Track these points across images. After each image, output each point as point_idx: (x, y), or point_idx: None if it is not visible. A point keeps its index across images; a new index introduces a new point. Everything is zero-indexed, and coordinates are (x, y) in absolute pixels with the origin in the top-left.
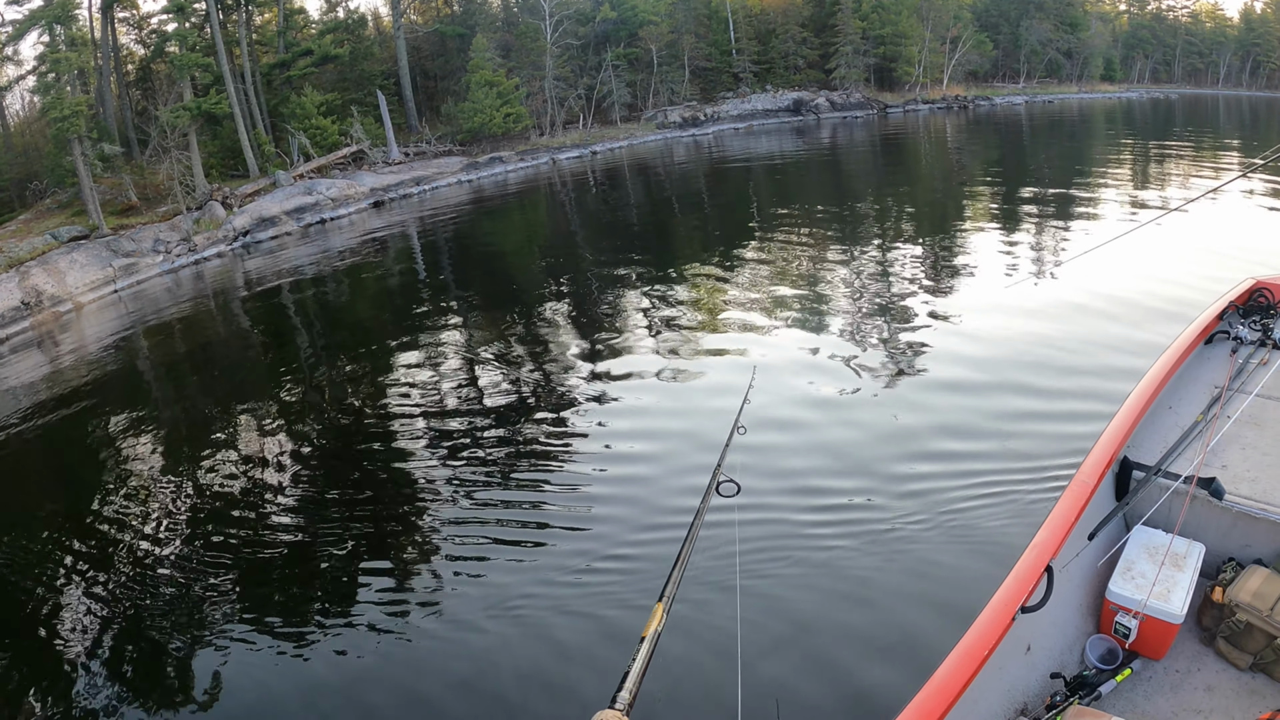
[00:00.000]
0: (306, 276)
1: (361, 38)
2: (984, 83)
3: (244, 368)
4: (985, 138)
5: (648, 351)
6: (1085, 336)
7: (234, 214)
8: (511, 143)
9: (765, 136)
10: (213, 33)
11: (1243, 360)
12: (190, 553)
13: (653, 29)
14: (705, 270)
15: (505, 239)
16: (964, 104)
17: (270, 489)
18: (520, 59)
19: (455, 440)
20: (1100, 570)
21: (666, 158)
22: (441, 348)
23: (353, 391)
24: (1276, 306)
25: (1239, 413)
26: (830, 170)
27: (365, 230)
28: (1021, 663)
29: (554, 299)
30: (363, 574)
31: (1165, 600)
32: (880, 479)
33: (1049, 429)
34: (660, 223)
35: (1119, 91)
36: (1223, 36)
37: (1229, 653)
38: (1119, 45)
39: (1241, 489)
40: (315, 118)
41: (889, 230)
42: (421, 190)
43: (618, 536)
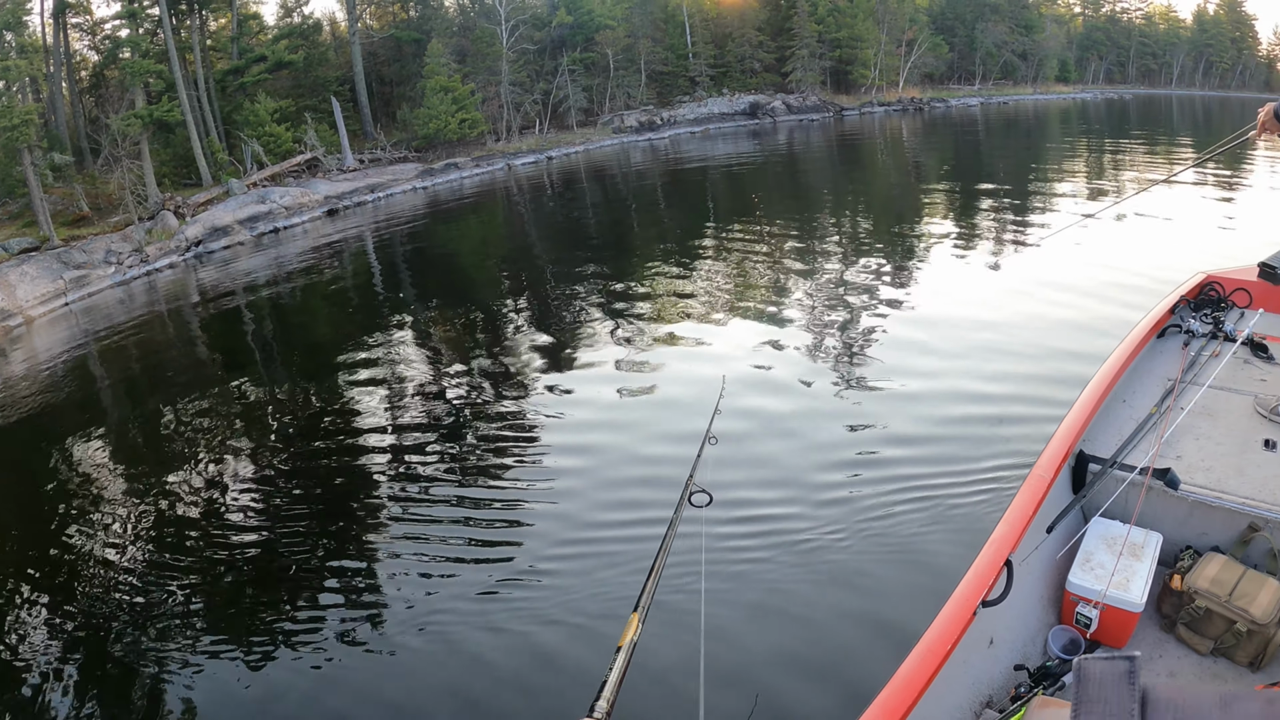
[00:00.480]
0: (261, 286)
1: (316, 43)
2: (940, 85)
3: (199, 380)
4: (941, 139)
5: (610, 358)
6: (1042, 334)
7: (186, 224)
8: (467, 149)
9: (722, 140)
10: (165, 39)
11: (1195, 353)
12: (146, 567)
13: (609, 33)
14: (665, 277)
15: (462, 246)
16: (919, 106)
17: (227, 501)
18: (476, 64)
19: (418, 452)
20: (1059, 562)
21: (623, 162)
22: (399, 358)
23: (310, 402)
24: (1227, 300)
25: (1192, 404)
26: (788, 173)
27: (319, 239)
28: (985, 656)
29: (513, 307)
30: (328, 584)
31: (1125, 589)
32: (845, 485)
33: (1011, 429)
34: (619, 228)
35: (1074, 92)
36: (1176, 38)
37: (1190, 638)
38: (1074, 47)
39: (1196, 478)
40: (269, 125)
41: (847, 232)
42: (376, 198)
43: (593, 547)
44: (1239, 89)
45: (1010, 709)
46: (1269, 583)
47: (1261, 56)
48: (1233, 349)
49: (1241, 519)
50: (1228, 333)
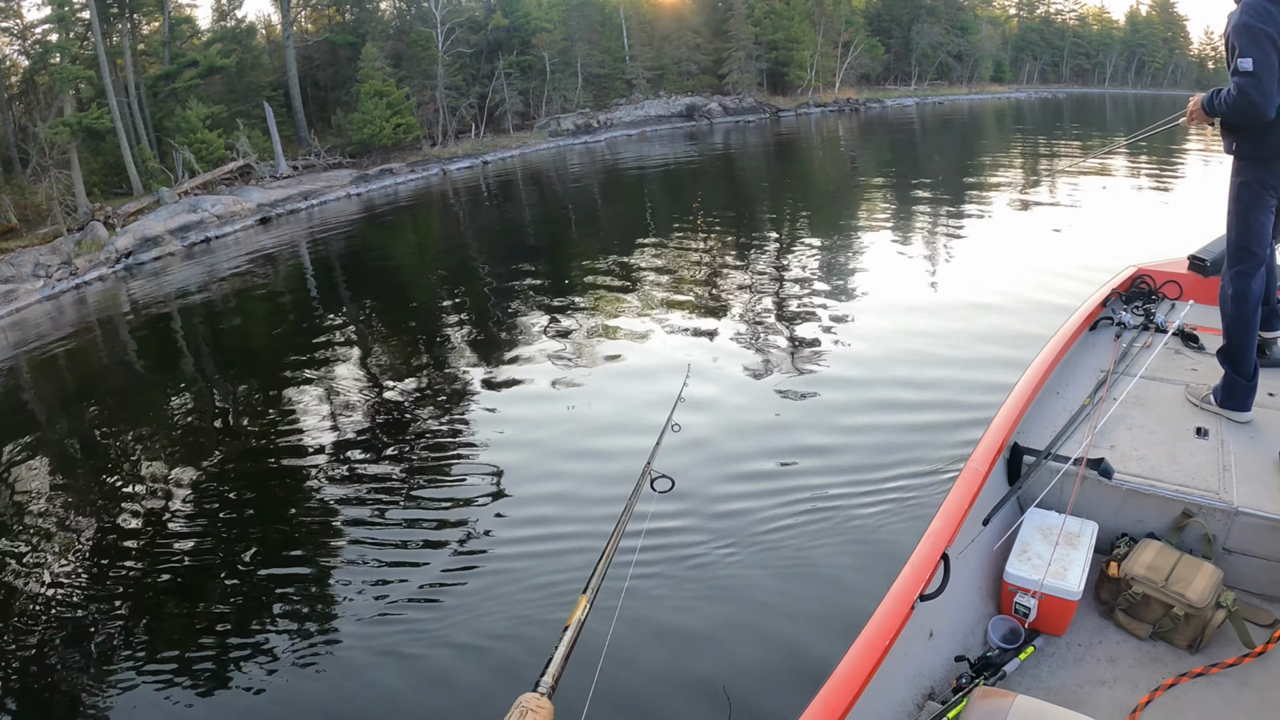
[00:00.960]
0: (194, 298)
1: (250, 48)
2: (876, 85)
3: (133, 394)
4: (877, 139)
5: (547, 362)
6: (976, 329)
7: (116, 234)
8: (403, 154)
9: (659, 142)
10: (95, 44)
11: (1126, 344)
12: (82, 586)
13: (546, 36)
14: (603, 281)
15: (399, 253)
16: (855, 106)
17: (164, 516)
18: (411, 68)
19: (363, 456)
20: (997, 554)
21: (560, 166)
22: (338, 367)
23: (248, 413)
24: (1158, 292)
25: (1125, 394)
26: (725, 174)
27: (252, 248)
28: (925, 648)
29: (453, 313)
30: (274, 593)
31: (1062, 578)
32: (783, 474)
33: (948, 419)
34: (557, 232)
35: (1008, 92)
36: (1109, 38)
37: (1128, 624)
38: (1009, 48)
39: (1130, 467)
40: (201, 131)
41: (785, 231)
42: (310, 205)
43: (547, 534)
44: (1171, 88)
45: (952, 700)
46: (1204, 567)
47: (1193, 56)
48: (1164, 340)
49: (1175, 505)
50: (1159, 324)
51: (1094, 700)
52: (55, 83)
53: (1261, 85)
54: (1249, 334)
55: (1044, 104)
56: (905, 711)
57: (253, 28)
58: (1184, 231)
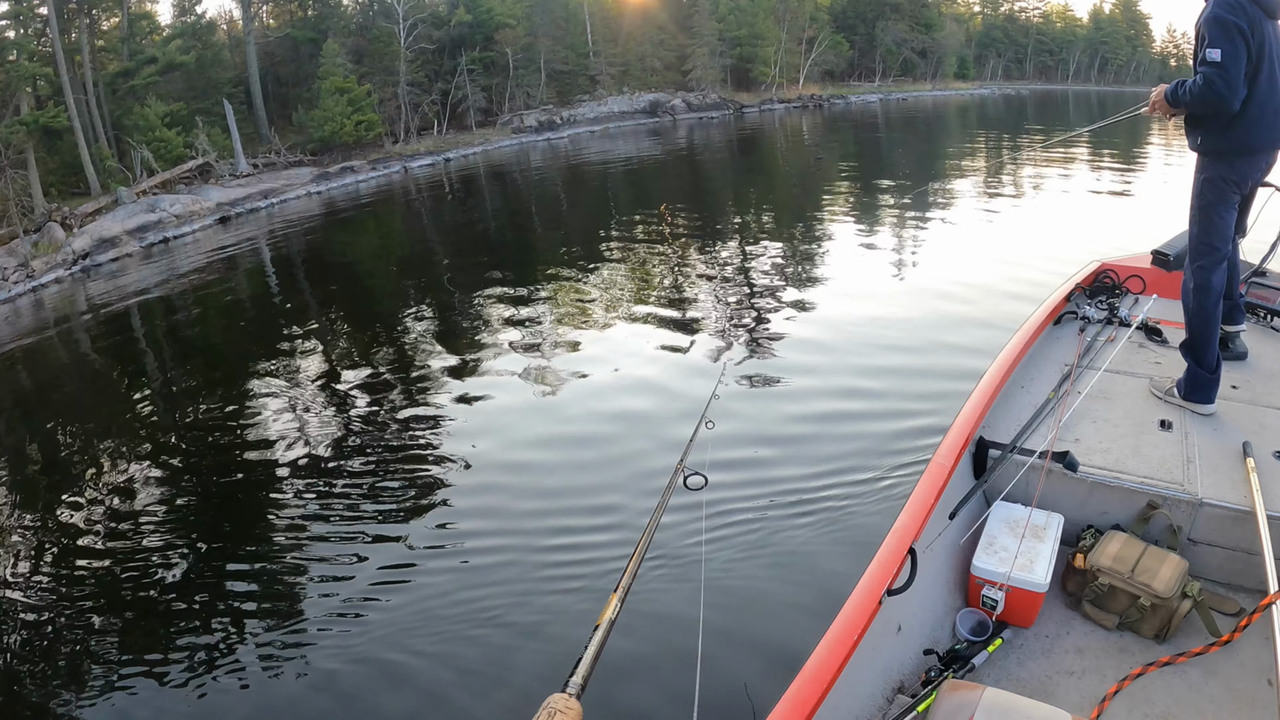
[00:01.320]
0: (154, 300)
1: (210, 44)
2: (840, 82)
3: (93, 397)
4: (842, 135)
5: (512, 361)
6: (941, 326)
7: (73, 235)
8: (364, 151)
9: (622, 139)
10: (53, 41)
11: (1091, 338)
12: (44, 594)
13: (509, 32)
14: (567, 278)
15: (361, 253)
16: (819, 103)
17: (126, 521)
18: (374, 64)
19: (338, 456)
20: (964, 547)
21: (523, 163)
22: (301, 368)
23: (211, 416)
24: (1121, 286)
25: (1089, 388)
26: (688, 170)
27: (211, 248)
28: (894, 642)
29: (415, 313)
30: (248, 603)
31: (1029, 570)
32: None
33: (913, 411)
34: (520, 230)
35: (972, 89)
36: (1072, 36)
37: (1095, 615)
38: (973, 45)
39: (1095, 460)
40: (159, 129)
41: (748, 227)
42: (270, 204)
43: (575, 533)
44: (1133, 84)
45: (922, 693)
46: (1169, 558)
47: (1156, 53)
48: (1128, 334)
49: (1140, 497)
50: (1122, 318)
51: (1062, 691)
52: (12, 80)
53: (1228, 76)
54: (1211, 327)
55: (1007, 100)
56: (875, 705)
57: (213, 24)
58: (1147, 226)
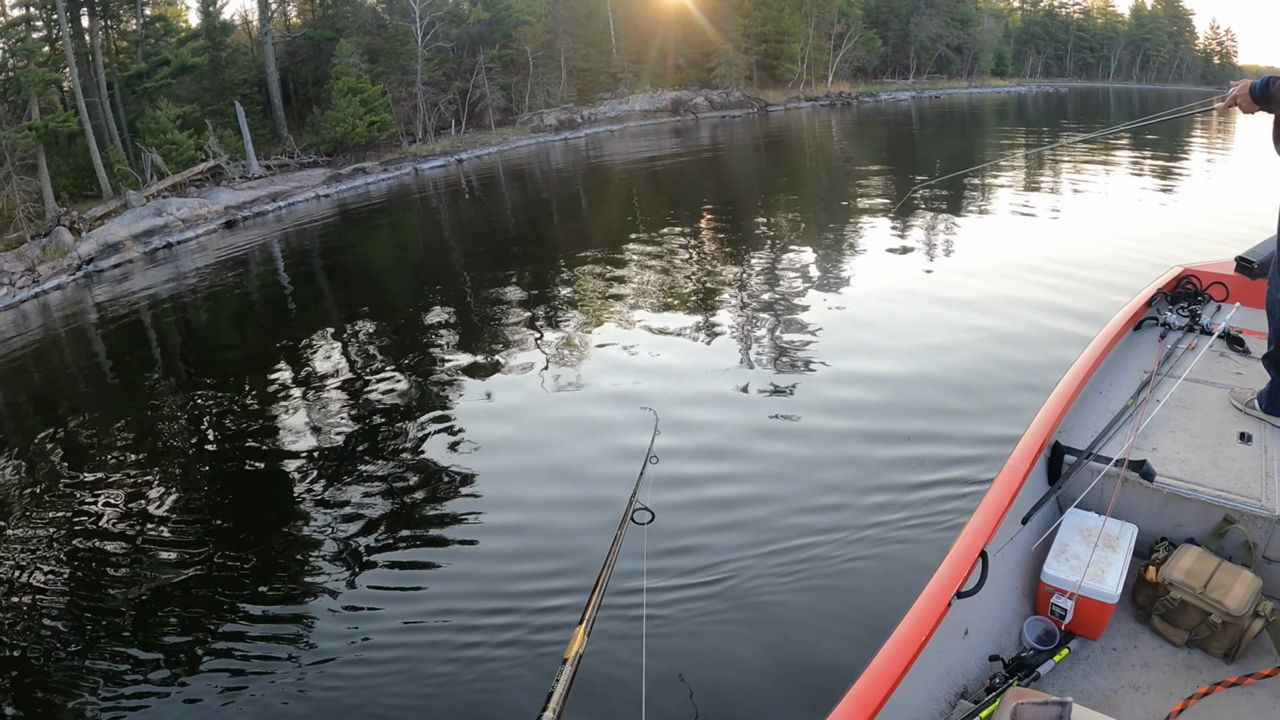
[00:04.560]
0: (157, 305)
1: (224, 45)
2: (873, 79)
3: (105, 403)
4: (872, 133)
5: (537, 370)
6: (1010, 329)
7: (81, 240)
8: (379, 151)
9: (644, 138)
10: (64, 45)
11: (1171, 345)
12: (63, 598)
13: (528, 29)
14: (592, 283)
15: (371, 257)
16: (847, 101)
17: (143, 526)
18: (390, 63)
19: (340, 469)
20: (1035, 553)
21: (543, 163)
22: (309, 378)
23: (223, 423)
24: (1204, 293)
25: (1168, 396)
26: (712, 170)
27: (215, 253)
28: (959, 646)
29: (430, 321)
30: (255, 610)
31: (1100, 580)
32: (795, 500)
33: (984, 419)
34: (539, 232)
35: (1009, 86)
36: (1114, 32)
37: (1164, 630)
38: (1011, 41)
39: (1172, 470)
40: (171, 132)
41: (775, 229)
42: (277, 207)
43: (537, 565)
44: (1175, 82)
45: (985, 699)
46: (1243, 575)
47: (1199, 50)
48: (1209, 342)
49: (1216, 511)
50: (1204, 326)
51: (1127, 705)
52: (25, 85)
53: None
54: None
55: (1046, 98)
56: (937, 709)
57: (227, 26)
58: (1232, 232)
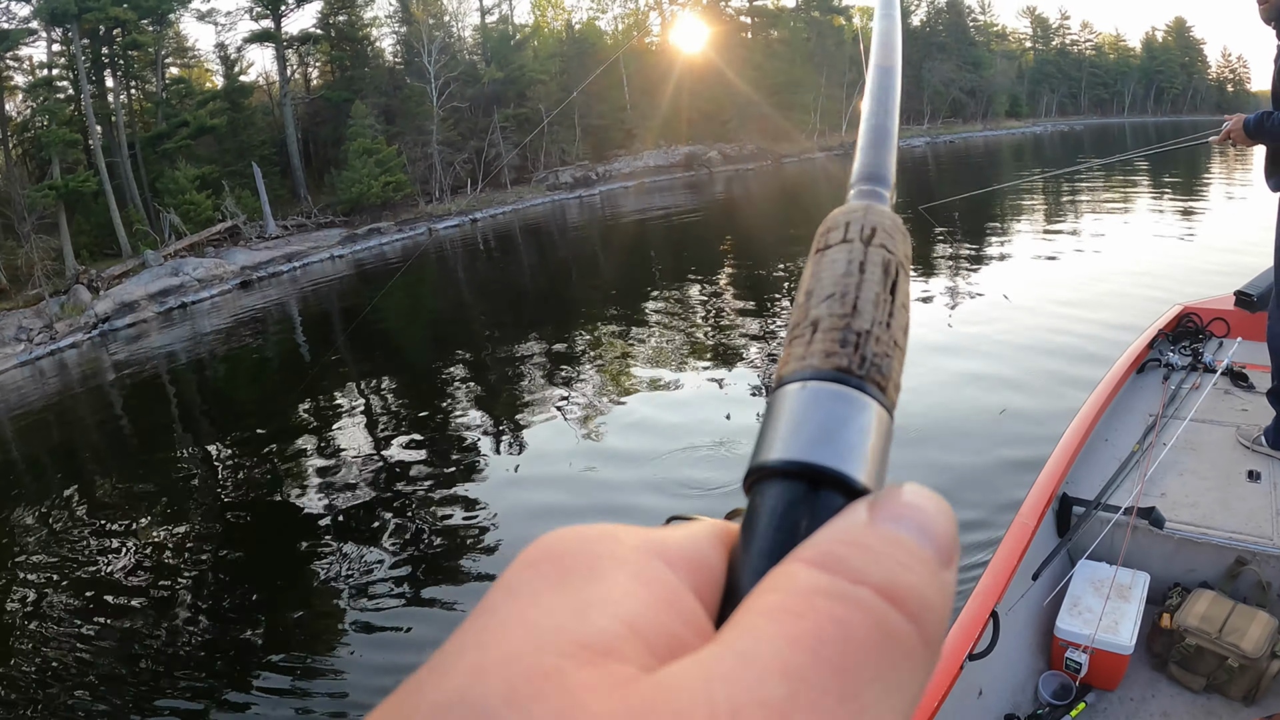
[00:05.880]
0: (177, 363)
1: (242, 107)
2: None
3: (124, 461)
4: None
5: (561, 427)
6: (1020, 373)
7: (98, 298)
8: (395, 212)
9: (658, 194)
10: (83, 106)
11: (1175, 386)
12: (80, 651)
13: (542, 88)
14: (612, 340)
15: (388, 317)
16: None
17: (161, 580)
18: (405, 124)
19: (363, 528)
20: (1047, 608)
21: (559, 220)
22: (332, 437)
23: (242, 481)
24: (1205, 330)
25: (1174, 439)
26: (727, 224)
27: (229, 314)
28: (974, 708)
29: (453, 383)
30: (277, 676)
31: (1114, 632)
32: None
33: (991, 471)
34: (559, 290)
35: (1025, 126)
36: (1126, 66)
37: (1182, 676)
38: (1025, 81)
39: (1181, 515)
40: (190, 192)
41: (793, 281)
42: (292, 268)
43: None
44: (1190, 113)
45: None
46: (1259, 616)
47: (1212, 80)
48: (1213, 380)
49: (1229, 553)
50: (1207, 364)
51: None
52: (45, 144)
53: None
54: None
55: (1063, 137)
56: None
57: (247, 87)
58: (1229, 267)
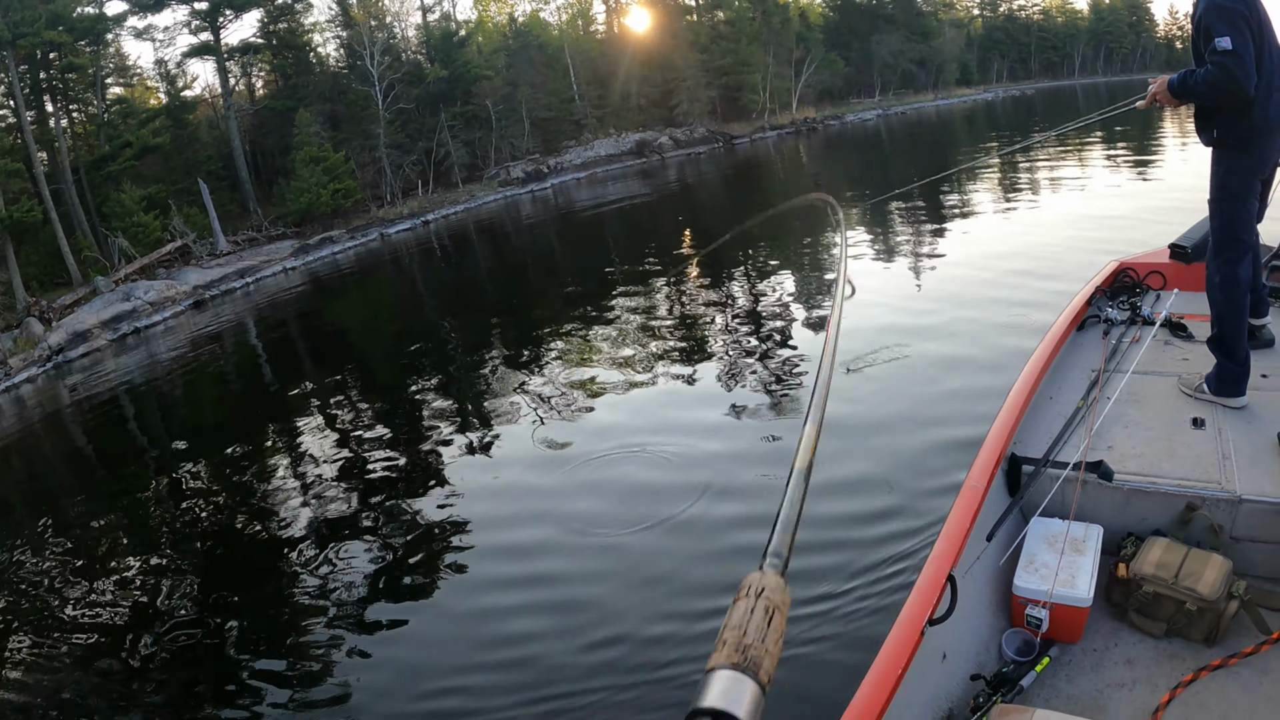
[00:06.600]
0: (137, 389)
1: (185, 123)
2: (839, 100)
3: (91, 492)
4: (842, 155)
5: (530, 426)
6: (965, 338)
7: (51, 330)
8: (347, 219)
9: (611, 183)
10: (24, 134)
11: (1115, 341)
12: (66, 688)
13: (488, 84)
14: (574, 334)
15: (345, 327)
16: (813, 126)
17: (140, 608)
18: (352, 129)
19: (337, 540)
20: (1004, 568)
21: (513, 216)
22: (297, 450)
23: (211, 502)
24: (1142, 284)
25: (1118, 392)
26: (682, 209)
27: (184, 336)
28: (939, 671)
29: (416, 388)
30: (261, 692)
31: (1071, 586)
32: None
33: (946, 433)
34: (515, 288)
35: (977, 94)
36: (1075, 29)
37: (1142, 624)
38: (974, 49)
39: (1130, 466)
40: (137, 214)
41: (755, 261)
42: (245, 283)
43: (540, 620)
44: (1141, 71)
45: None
46: (1213, 559)
47: (1160, 37)
48: (1152, 332)
49: (1179, 500)
50: (1145, 316)
51: (1115, 704)
52: None
53: (1242, 62)
54: (1241, 320)
55: (1015, 102)
56: None
57: (189, 103)
58: (1160, 219)
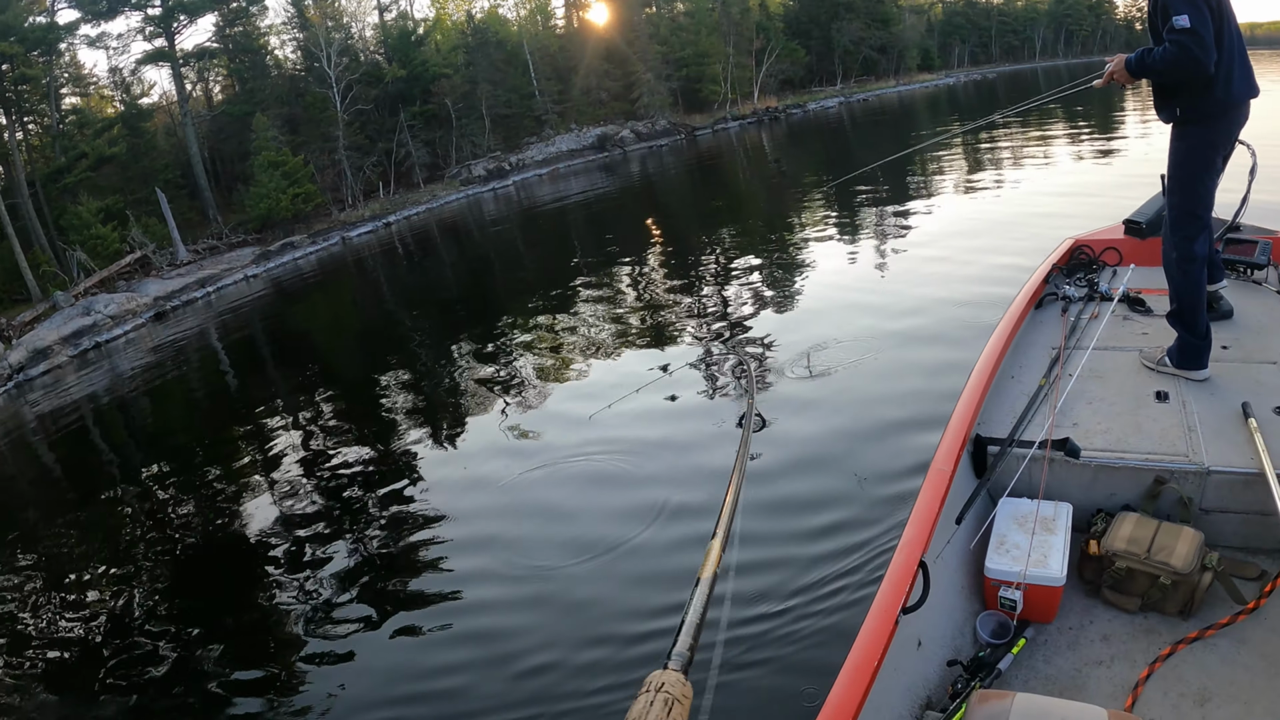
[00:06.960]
0: (101, 404)
1: (141, 131)
2: (801, 89)
3: (62, 508)
4: (804, 143)
5: (498, 422)
6: (927, 321)
7: (11, 348)
8: (309, 224)
9: (574, 178)
10: None
11: (1074, 318)
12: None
13: (446, 82)
14: (541, 329)
15: (309, 333)
16: (775, 115)
17: (112, 615)
18: (310, 132)
19: (313, 545)
20: (975, 551)
21: (476, 215)
22: (267, 458)
23: (184, 513)
24: (1098, 261)
25: (1080, 369)
26: (646, 201)
27: (145, 349)
28: (915, 659)
29: (384, 390)
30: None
31: (1043, 565)
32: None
33: (913, 418)
34: (482, 285)
35: (938, 79)
36: (1035, 13)
37: (1116, 600)
38: (935, 34)
39: (1096, 442)
40: (95, 226)
41: (714, 248)
42: (206, 293)
43: (527, 616)
44: (1101, 53)
45: (951, 707)
46: (1184, 531)
47: (1120, 19)
48: (1110, 308)
49: (1146, 474)
50: (1103, 293)
51: (1094, 682)
52: None
53: (1201, 40)
54: (1199, 294)
55: (976, 86)
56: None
57: (145, 111)
58: (1118, 196)
